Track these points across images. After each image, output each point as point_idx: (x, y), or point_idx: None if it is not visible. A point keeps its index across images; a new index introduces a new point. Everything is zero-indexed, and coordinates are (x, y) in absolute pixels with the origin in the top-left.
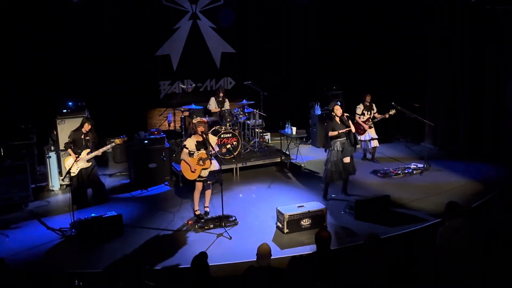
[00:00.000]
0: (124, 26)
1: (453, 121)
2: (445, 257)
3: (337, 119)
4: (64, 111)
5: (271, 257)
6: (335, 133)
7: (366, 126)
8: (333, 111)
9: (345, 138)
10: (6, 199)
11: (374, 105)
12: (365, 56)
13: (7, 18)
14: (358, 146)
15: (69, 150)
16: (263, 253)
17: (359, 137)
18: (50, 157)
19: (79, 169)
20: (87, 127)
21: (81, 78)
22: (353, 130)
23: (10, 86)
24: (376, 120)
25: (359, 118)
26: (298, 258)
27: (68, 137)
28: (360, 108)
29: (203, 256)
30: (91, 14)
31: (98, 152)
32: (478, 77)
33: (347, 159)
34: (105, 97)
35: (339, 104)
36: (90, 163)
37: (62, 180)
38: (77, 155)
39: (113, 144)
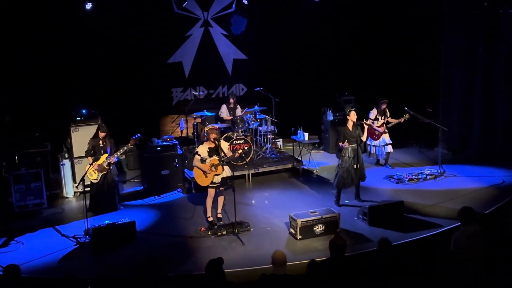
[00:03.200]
0: (136, 33)
1: (466, 125)
2: (459, 264)
3: (351, 124)
4: (78, 118)
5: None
6: (346, 144)
7: (381, 129)
8: (349, 115)
9: (356, 144)
10: (21, 206)
11: (387, 110)
12: (375, 61)
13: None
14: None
15: (89, 158)
16: (279, 261)
17: (373, 143)
18: (64, 164)
19: (101, 175)
20: (101, 134)
21: (97, 87)
22: (364, 139)
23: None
24: (390, 125)
25: (373, 123)
26: (316, 262)
27: (88, 145)
28: (373, 113)
29: (218, 261)
30: (104, 21)
31: (117, 154)
32: (491, 81)
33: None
34: (118, 105)
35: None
36: (110, 168)
37: (76, 187)
38: (95, 161)
39: (129, 144)
